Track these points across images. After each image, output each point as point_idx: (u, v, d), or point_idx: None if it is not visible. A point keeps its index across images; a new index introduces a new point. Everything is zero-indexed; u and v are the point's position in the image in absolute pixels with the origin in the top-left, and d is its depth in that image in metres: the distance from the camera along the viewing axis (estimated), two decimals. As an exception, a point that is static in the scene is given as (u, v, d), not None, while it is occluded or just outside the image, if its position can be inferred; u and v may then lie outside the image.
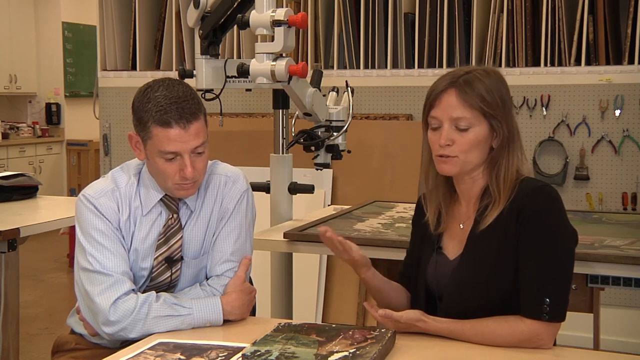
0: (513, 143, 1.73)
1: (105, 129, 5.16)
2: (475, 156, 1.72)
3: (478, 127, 1.70)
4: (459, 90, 1.69)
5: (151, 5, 5.06)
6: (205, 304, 1.78)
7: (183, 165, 1.78)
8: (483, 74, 1.72)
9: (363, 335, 1.60)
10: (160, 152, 1.78)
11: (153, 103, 1.76)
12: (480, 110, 1.69)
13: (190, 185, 1.83)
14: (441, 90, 1.71)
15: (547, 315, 1.62)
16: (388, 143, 4.34)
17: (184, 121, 1.75)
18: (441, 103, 1.71)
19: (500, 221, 1.69)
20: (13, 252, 2.77)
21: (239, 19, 2.53)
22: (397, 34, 4.40)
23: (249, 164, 3.95)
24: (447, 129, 1.70)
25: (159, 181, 1.85)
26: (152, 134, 1.77)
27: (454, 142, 1.70)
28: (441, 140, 1.70)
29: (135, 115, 1.81)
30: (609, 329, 3.70)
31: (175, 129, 1.75)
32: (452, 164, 1.72)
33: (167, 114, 1.74)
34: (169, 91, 1.77)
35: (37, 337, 4.43)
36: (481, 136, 1.70)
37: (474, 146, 1.70)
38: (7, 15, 7.95)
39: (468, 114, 1.69)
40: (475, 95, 1.68)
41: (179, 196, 1.87)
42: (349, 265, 1.83)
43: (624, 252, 2.20)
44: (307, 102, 2.73)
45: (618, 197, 4.01)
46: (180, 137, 1.76)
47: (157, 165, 1.80)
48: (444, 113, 1.70)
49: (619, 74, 3.97)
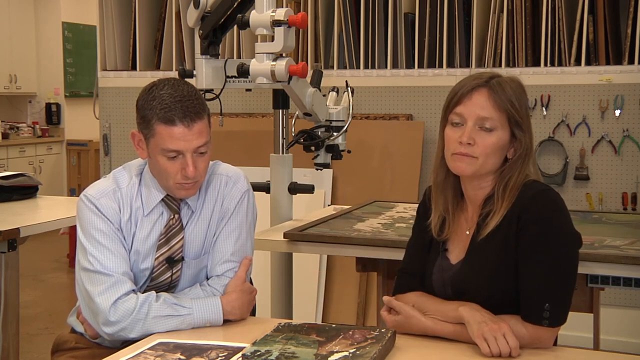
0: (528, 156, 1.72)
1: (105, 129, 5.16)
2: (493, 162, 1.70)
3: (501, 131, 1.69)
4: (491, 90, 1.69)
5: (151, 5, 5.06)
6: (206, 304, 1.78)
7: (185, 165, 1.78)
8: (510, 81, 1.72)
9: (363, 335, 1.60)
10: (163, 150, 1.78)
11: (158, 101, 1.76)
12: (507, 115, 1.68)
13: (191, 185, 1.83)
14: (472, 88, 1.70)
15: (547, 321, 1.61)
16: (388, 143, 4.34)
17: (188, 120, 1.76)
18: (470, 100, 1.69)
19: (502, 226, 1.68)
20: (13, 252, 2.77)
21: (239, 19, 2.53)
22: (397, 34, 4.40)
23: (249, 164, 3.95)
24: (471, 127, 1.68)
25: (160, 180, 1.85)
26: (155, 132, 1.77)
27: (475, 142, 1.68)
28: (463, 137, 1.68)
29: (139, 113, 1.81)
30: (609, 329, 3.70)
31: (179, 127, 1.75)
32: (468, 164, 1.69)
33: (172, 112, 1.75)
34: (174, 90, 1.78)
35: (37, 337, 4.43)
36: (502, 142, 1.69)
37: (495, 150, 1.69)
38: (7, 15, 7.95)
39: (496, 115, 1.68)
40: (506, 98, 1.68)
41: (179, 196, 1.87)
42: (348, 265, 1.83)
43: (624, 252, 2.20)
44: (307, 102, 2.73)
45: (618, 197, 4.01)
46: (184, 136, 1.76)
47: (159, 164, 1.80)
48: (471, 111, 1.68)
49: (619, 74, 3.97)
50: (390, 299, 1.73)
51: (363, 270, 2.74)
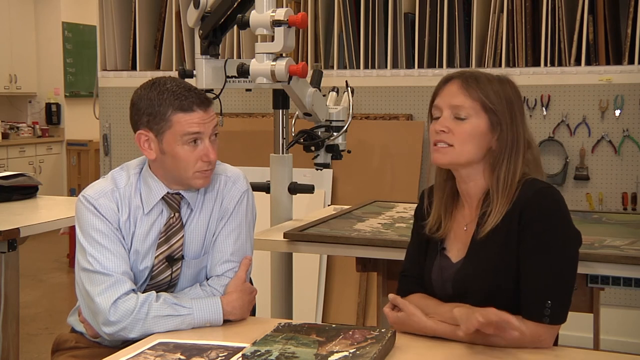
0: (518, 150, 1.72)
1: (105, 129, 5.16)
2: (470, 149, 1.71)
3: (476, 119, 1.71)
4: (462, 81, 1.73)
5: (151, 5, 5.06)
6: (206, 304, 1.79)
7: (205, 150, 1.82)
8: (494, 77, 1.75)
9: (363, 335, 1.60)
10: (183, 135, 1.80)
11: (169, 93, 1.80)
12: (480, 102, 1.71)
13: (209, 173, 1.87)
14: (446, 80, 1.76)
15: (548, 318, 1.61)
16: (388, 143, 4.34)
17: (204, 105, 1.82)
18: (444, 92, 1.75)
19: (503, 223, 1.68)
20: (13, 252, 2.77)
21: (239, 19, 2.53)
22: (397, 34, 4.40)
23: (249, 164, 3.95)
24: (446, 117, 1.72)
25: (177, 174, 1.85)
26: (172, 122, 1.80)
27: (451, 130, 1.71)
28: (436, 126, 1.72)
29: (145, 112, 1.81)
30: (609, 329, 3.70)
31: (198, 112, 1.81)
32: (444, 153, 1.72)
33: (188, 100, 1.80)
34: (179, 83, 1.84)
35: (37, 337, 4.43)
36: (479, 129, 1.71)
37: (470, 137, 1.71)
38: (7, 15, 7.95)
39: (468, 103, 1.71)
40: (478, 87, 1.72)
41: (197, 186, 1.88)
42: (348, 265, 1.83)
43: (624, 252, 2.20)
44: (307, 102, 2.73)
45: (618, 197, 4.01)
46: (203, 120, 1.82)
47: (178, 156, 1.82)
48: (445, 100, 1.73)
49: (619, 74, 3.97)
50: (396, 297, 1.74)
51: (363, 270, 2.74)
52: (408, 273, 1.87)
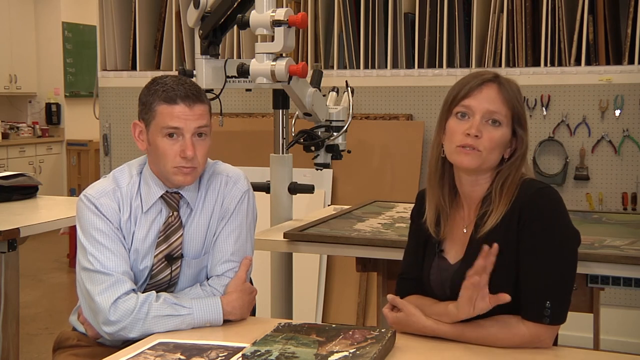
0: (524, 158, 1.74)
1: (105, 129, 5.16)
2: (494, 157, 1.71)
3: (506, 128, 1.71)
4: (500, 86, 1.72)
5: (151, 5, 5.06)
6: (206, 304, 1.79)
7: (184, 146, 1.80)
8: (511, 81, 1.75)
9: (363, 335, 1.60)
10: (162, 128, 1.80)
11: (160, 85, 1.82)
12: (512, 112, 1.71)
13: (189, 171, 1.83)
14: (482, 82, 1.72)
15: (548, 318, 1.61)
16: (388, 143, 4.34)
17: (189, 100, 1.80)
18: (481, 94, 1.70)
19: (501, 224, 1.68)
20: (13, 252, 2.77)
21: (239, 19, 2.53)
22: (397, 34, 4.40)
23: (249, 164, 3.95)
24: (479, 120, 1.69)
25: (159, 167, 1.85)
26: (156, 113, 1.80)
27: (482, 135, 1.69)
28: (472, 129, 1.68)
29: (140, 102, 1.85)
30: (609, 329, 3.70)
31: (180, 105, 1.80)
32: (474, 157, 1.69)
33: (173, 92, 1.80)
34: (178, 78, 1.85)
35: (37, 337, 4.43)
36: (505, 138, 1.71)
37: (497, 145, 1.70)
38: (7, 15, 7.95)
39: (503, 110, 1.70)
40: (513, 95, 1.71)
41: (177, 182, 1.86)
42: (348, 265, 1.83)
43: (624, 252, 2.20)
44: (307, 102, 2.73)
45: (618, 197, 4.01)
46: (184, 114, 1.80)
47: (158, 148, 1.82)
48: (481, 104, 1.70)
49: (619, 74, 3.97)
50: (394, 297, 1.74)
51: (363, 270, 2.74)
52: (406, 276, 1.87)
